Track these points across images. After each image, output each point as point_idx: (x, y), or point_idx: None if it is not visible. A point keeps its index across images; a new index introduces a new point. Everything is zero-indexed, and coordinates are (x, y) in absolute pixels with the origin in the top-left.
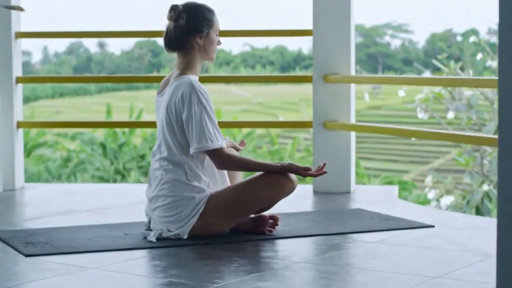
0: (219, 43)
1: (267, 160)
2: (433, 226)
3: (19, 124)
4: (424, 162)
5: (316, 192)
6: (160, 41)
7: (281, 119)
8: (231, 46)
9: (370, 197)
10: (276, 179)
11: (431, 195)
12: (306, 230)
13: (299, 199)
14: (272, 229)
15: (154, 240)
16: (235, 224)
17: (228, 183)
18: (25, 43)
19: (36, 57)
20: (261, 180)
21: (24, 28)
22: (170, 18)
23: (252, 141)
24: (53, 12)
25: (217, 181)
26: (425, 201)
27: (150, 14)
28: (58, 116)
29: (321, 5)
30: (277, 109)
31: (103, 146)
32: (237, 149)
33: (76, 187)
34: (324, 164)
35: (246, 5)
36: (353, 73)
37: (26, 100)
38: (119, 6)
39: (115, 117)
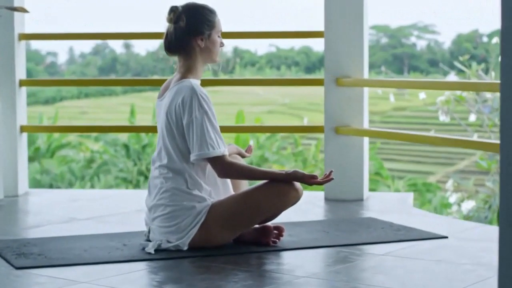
0: (222, 44)
1: (279, 168)
2: (446, 237)
3: (23, 128)
4: (450, 164)
5: (327, 200)
6: None
7: (306, 120)
8: (257, 46)
9: (383, 205)
10: (280, 188)
11: (452, 199)
12: (312, 241)
13: (310, 207)
14: (277, 240)
15: (153, 252)
16: (237, 235)
17: (231, 192)
18: (51, 44)
19: (62, 58)
20: (265, 189)
21: (28, 30)
22: (169, 20)
23: (276, 142)
24: (54, 12)
25: (219, 190)
26: (448, 205)
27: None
28: (83, 116)
29: (332, 5)
30: (303, 110)
31: (126, 147)
32: (243, 156)
33: (81, 193)
34: (331, 172)
35: (246, 6)
36: (366, 76)
37: (52, 100)
38: (126, 6)
39: (139, 118)
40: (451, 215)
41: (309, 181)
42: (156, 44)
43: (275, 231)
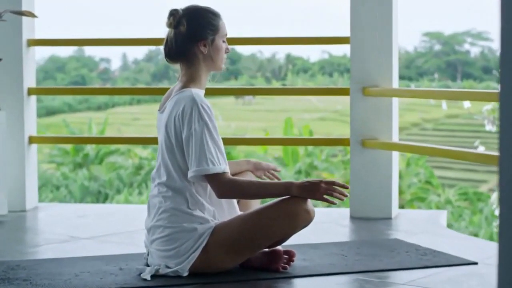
0: (227, 50)
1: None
2: (475, 263)
3: (32, 139)
4: None
5: (353, 218)
6: (239, 46)
7: None
8: (309, 53)
9: (412, 224)
10: (290, 209)
11: (498, 212)
12: (327, 267)
13: (332, 226)
14: (287, 266)
15: (148, 278)
16: (242, 260)
17: (238, 212)
18: (104, 50)
19: (116, 64)
20: (271, 211)
21: (38, 35)
22: (169, 24)
23: (325, 149)
24: (60, 17)
25: (224, 210)
26: (494, 217)
27: None
28: (134, 123)
29: (359, 9)
30: None
31: None
32: (263, 170)
33: (92, 208)
34: (346, 187)
35: (247, 9)
36: (395, 85)
37: (104, 106)
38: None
39: None
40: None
41: (319, 197)
42: None
43: (285, 256)
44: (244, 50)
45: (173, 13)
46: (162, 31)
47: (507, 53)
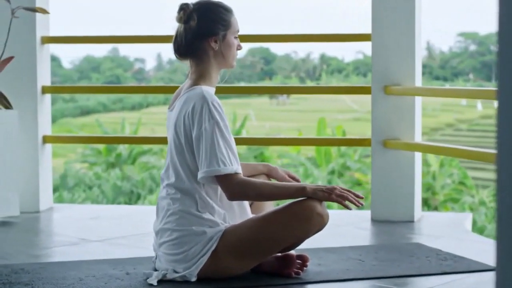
0: (239, 47)
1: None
2: None
3: (46, 139)
4: None
5: (374, 221)
6: (273, 46)
7: None
8: (344, 53)
9: (435, 228)
10: (302, 212)
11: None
12: (342, 273)
13: (351, 229)
14: (300, 271)
15: (155, 283)
16: (253, 265)
17: (249, 215)
18: (139, 50)
19: (150, 64)
20: (283, 214)
21: (53, 33)
22: (179, 19)
23: (358, 149)
24: (72, 14)
25: (235, 213)
26: None
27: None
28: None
29: (381, 5)
30: None
31: None
32: (278, 178)
33: (107, 209)
34: (361, 197)
35: (254, 7)
36: (418, 84)
37: (139, 106)
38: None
39: None
40: None
41: (333, 198)
42: (243, 50)
43: (298, 261)
44: (278, 50)
45: (183, 8)
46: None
47: (506, 52)
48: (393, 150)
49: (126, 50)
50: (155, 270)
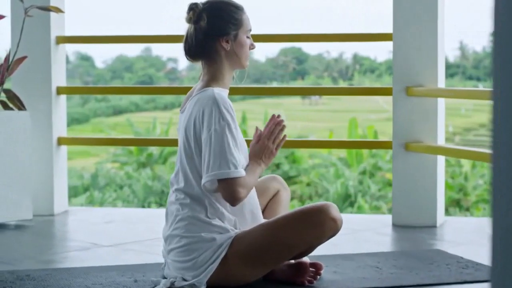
0: (252, 46)
1: None
2: None
3: (61, 141)
4: None
5: (395, 226)
6: (305, 46)
7: None
8: (376, 53)
9: (458, 233)
10: (314, 217)
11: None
12: (358, 281)
13: (371, 234)
14: (313, 280)
15: None
16: (265, 273)
17: (261, 221)
18: (172, 50)
19: (183, 64)
20: (294, 219)
21: (68, 32)
22: (189, 19)
23: (389, 150)
24: (88, 14)
25: (245, 219)
26: None
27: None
28: None
29: (402, 4)
30: None
31: None
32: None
33: (122, 213)
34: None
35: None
36: (441, 85)
37: (171, 106)
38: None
39: (250, 125)
40: None
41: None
42: (275, 50)
43: (312, 269)
44: (311, 50)
45: (193, 7)
46: None
47: (499, 52)
48: (415, 153)
49: (159, 49)
50: (164, 277)
